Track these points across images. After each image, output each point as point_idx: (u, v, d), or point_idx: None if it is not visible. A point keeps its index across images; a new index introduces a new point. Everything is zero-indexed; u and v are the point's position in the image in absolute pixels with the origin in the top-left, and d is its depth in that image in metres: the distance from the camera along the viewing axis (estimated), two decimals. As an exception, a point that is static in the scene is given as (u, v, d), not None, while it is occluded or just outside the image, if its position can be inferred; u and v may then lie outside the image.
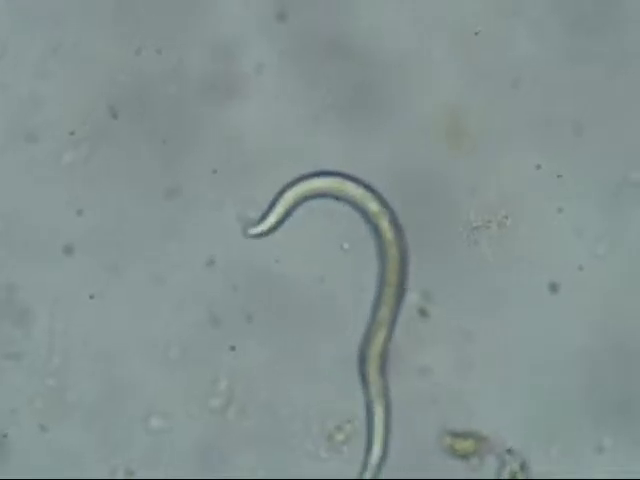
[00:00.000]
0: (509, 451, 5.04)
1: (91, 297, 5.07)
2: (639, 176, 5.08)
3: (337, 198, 5.06)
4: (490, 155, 5.11)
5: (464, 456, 5.08)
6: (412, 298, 5.08)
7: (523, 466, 5.06)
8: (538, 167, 5.09)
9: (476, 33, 5.06)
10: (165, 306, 5.09)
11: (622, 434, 5.05)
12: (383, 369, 5.04)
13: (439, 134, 5.11)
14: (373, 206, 5.04)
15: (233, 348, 5.08)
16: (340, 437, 5.10)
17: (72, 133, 5.05)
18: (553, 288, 5.07)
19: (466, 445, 5.07)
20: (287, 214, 5.04)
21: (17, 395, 5.07)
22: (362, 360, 5.04)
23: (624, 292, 5.07)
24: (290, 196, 5.04)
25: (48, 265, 5.09)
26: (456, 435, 5.08)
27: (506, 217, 5.09)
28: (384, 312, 5.03)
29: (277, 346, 5.09)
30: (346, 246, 5.09)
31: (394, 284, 5.03)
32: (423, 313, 5.09)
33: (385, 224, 5.03)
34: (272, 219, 5.03)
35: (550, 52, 5.12)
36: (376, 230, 5.05)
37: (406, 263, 5.04)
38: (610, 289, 5.07)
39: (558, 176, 5.05)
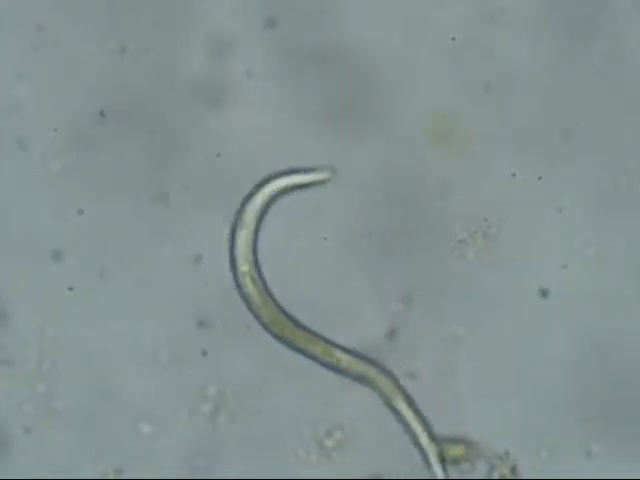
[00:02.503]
0: (506, 454, 5.05)
1: (70, 289, 5.06)
2: (627, 181, 5.10)
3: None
4: (476, 162, 5.13)
5: (454, 461, 5.08)
6: (400, 304, 5.09)
7: (513, 470, 5.07)
8: (525, 173, 5.10)
9: (453, 39, 5.09)
10: (154, 310, 5.08)
11: (610, 439, 5.05)
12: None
13: (426, 141, 5.12)
14: None
15: (222, 352, 5.08)
16: (330, 443, 5.09)
17: (56, 130, 5.05)
18: (543, 293, 5.09)
19: (456, 450, 5.07)
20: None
21: (6, 400, 5.06)
22: None
23: (613, 297, 5.08)
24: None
25: (37, 270, 5.09)
26: (445, 440, 5.08)
27: (491, 226, 5.10)
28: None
29: (267, 350, 5.09)
30: (326, 237, 5.11)
31: None
32: (410, 319, 5.10)
33: None
34: None
35: (539, 57, 5.14)
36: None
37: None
38: (599, 294, 5.08)
39: (539, 178, 5.07)
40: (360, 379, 5.04)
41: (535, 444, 5.07)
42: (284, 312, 5.07)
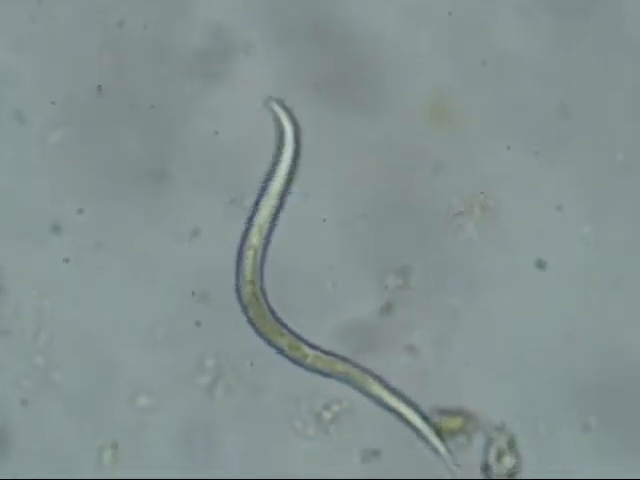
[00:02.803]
0: (502, 425, 5.06)
1: (65, 261, 5.05)
2: (624, 157, 5.12)
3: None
4: (473, 137, 5.14)
5: (451, 434, 5.08)
6: (398, 278, 5.10)
7: (510, 443, 5.07)
8: (521, 148, 5.12)
9: (450, 13, 5.10)
10: (151, 284, 5.08)
11: (608, 412, 5.07)
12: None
13: (423, 116, 5.14)
14: None
15: (219, 326, 5.08)
16: (328, 416, 5.09)
17: (54, 103, 5.04)
18: (540, 266, 5.10)
19: (454, 423, 5.08)
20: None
21: (3, 373, 5.05)
22: None
23: (610, 270, 5.10)
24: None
25: (35, 244, 5.08)
26: (444, 413, 5.08)
27: (489, 199, 5.12)
28: None
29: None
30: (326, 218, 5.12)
31: None
32: (409, 293, 5.10)
33: None
34: None
35: (537, 34, 5.16)
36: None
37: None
38: (596, 267, 5.10)
39: (535, 152, 5.08)
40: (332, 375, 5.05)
41: (533, 417, 5.08)
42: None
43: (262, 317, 5.04)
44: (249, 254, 5.07)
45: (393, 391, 5.05)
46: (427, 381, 5.07)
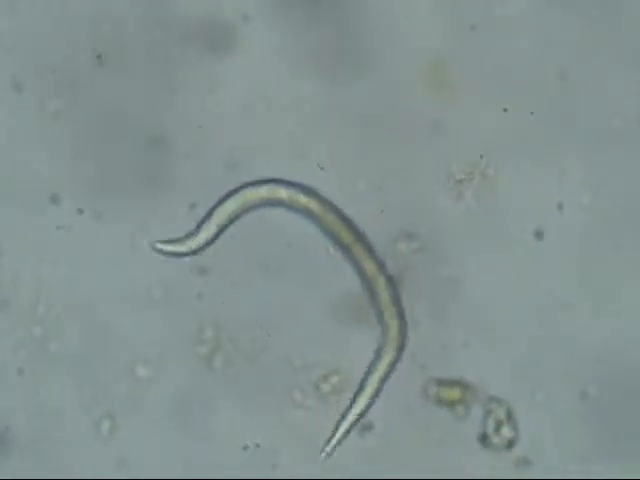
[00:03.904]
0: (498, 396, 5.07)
1: (58, 228, 5.04)
2: (622, 123, 5.13)
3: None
4: (472, 104, 5.15)
5: (450, 404, 5.09)
6: (397, 247, 5.10)
7: (508, 414, 5.08)
8: (525, 115, 5.13)
9: None
10: (150, 253, 5.06)
11: (606, 381, 5.08)
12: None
13: (422, 83, 5.14)
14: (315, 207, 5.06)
15: (218, 296, 5.07)
16: (327, 387, 5.09)
17: (54, 71, 5.03)
18: (538, 235, 5.11)
19: (452, 393, 5.08)
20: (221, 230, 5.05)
21: (2, 342, 5.04)
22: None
23: (609, 239, 5.11)
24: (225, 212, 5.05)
25: (33, 213, 5.07)
26: (442, 383, 5.09)
27: (489, 167, 5.13)
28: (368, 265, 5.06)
29: (264, 295, 5.08)
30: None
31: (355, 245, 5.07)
32: (408, 261, 5.11)
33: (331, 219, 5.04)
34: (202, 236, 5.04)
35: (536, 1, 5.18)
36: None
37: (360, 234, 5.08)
38: (595, 236, 5.11)
39: (531, 113, 5.09)
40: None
41: (530, 387, 5.08)
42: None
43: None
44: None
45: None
46: (426, 351, 5.07)
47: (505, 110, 5.08)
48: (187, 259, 5.05)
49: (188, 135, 5.10)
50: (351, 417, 5.02)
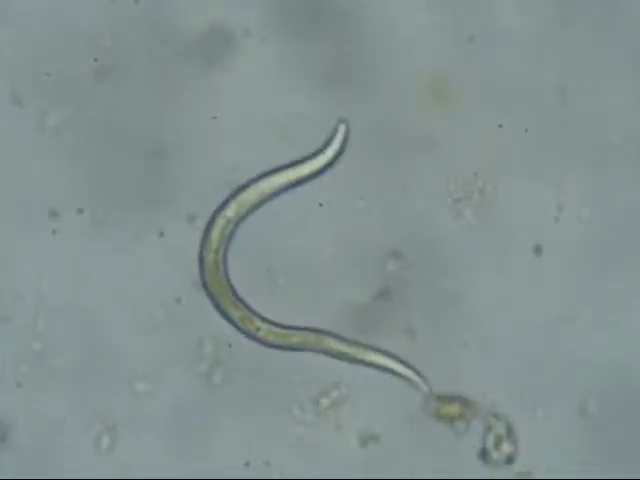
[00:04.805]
0: (494, 407, 5.06)
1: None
2: (620, 138, 5.14)
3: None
4: (471, 120, 5.15)
5: (450, 420, 5.08)
6: (396, 264, 5.10)
7: (508, 430, 5.08)
8: (524, 131, 5.14)
9: None
10: (150, 268, 5.06)
11: (605, 396, 5.08)
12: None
13: (421, 97, 5.15)
14: None
15: (217, 311, 5.06)
16: (326, 402, 5.08)
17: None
18: (537, 250, 5.12)
19: (452, 409, 5.08)
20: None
21: (1, 358, 5.03)
22: None
23: (608, 255, 5.12)
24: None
25: (33, 227, 5.06)
26: (442, 399, 5.08)
27: (487, 184, 5.13)
28: None
29: (261, 308, 5.08)
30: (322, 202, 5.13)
31: None
32: (407, 277, 5.11)
33: None
34: None
35: (536, 13, 5.18)
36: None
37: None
38: (594, 251, 5.11)
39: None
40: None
41: (530, 402, 5.08)
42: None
43: (219, 285, 5.03)
44: (220, 223, 5.05)
45: (350, 342, 5.04)
46: (425, 365, 5.07)
47: (500, 126, 5.08)
48: (187, 275, 5.06)
49: (188, 149, 5.10)
50: None
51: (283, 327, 5.05)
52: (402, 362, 5.04)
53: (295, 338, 5.05)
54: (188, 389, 5.06)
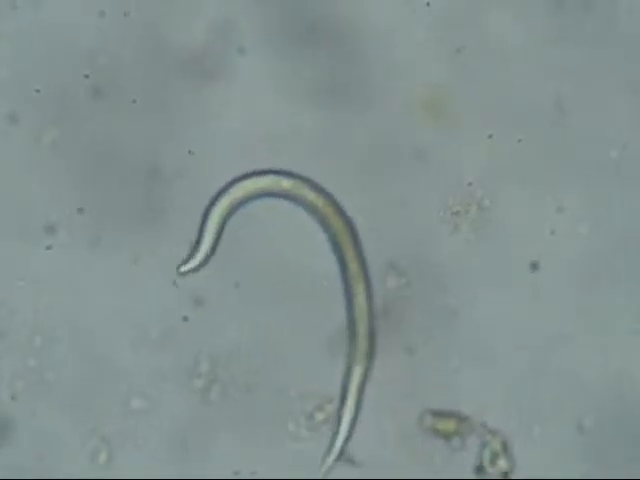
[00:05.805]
0: (483, 425, 5.06)
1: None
2: (619, 153, 5.11)
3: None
4: (469, 134, 5.13)
5: (446, 436, 5.08)
6: (395, 279, 5.09)
7: (504, 446, 5.07)
8: (519, 143, 5.12)
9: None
10: (146, 285, 5.08)
11: (603, 413, 5.06)
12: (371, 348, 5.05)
13: (420, 114, 5.13)
14: (311, 196, 5.05)
15: (214, 328, 5.07)
16: (321, 417, 5.09)
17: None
18: (535, 266, 5.09)
19: (448, 425, 5.07)
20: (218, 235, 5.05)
21: (-2, 374, 5.08)
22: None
23: (606, 272, 5.09)
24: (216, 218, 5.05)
25: (29, 244, 5.08)
26: (438, 415, 5.08)
27: (484, 198, 5.11)
28: (359, 299, 5.06)
29: (258, 327, 5.08)
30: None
31: (355, 270, 5.05)
32: (405, 293, 5.10)
33: (330, 212, 5.04)
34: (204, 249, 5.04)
35: (533, 27, 5.15)
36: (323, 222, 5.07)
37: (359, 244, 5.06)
38: (592, 268, 5.09)
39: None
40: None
41: (527, 418, 5.07)
42: None
43: None
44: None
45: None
46: (422, 381, 5.06)
47: (490, 136, 5.06)
48: (184, 290, 5.07)
49: (184, 166, 5.11)
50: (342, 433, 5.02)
51: None
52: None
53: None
54: (185, 405, 5.07)
